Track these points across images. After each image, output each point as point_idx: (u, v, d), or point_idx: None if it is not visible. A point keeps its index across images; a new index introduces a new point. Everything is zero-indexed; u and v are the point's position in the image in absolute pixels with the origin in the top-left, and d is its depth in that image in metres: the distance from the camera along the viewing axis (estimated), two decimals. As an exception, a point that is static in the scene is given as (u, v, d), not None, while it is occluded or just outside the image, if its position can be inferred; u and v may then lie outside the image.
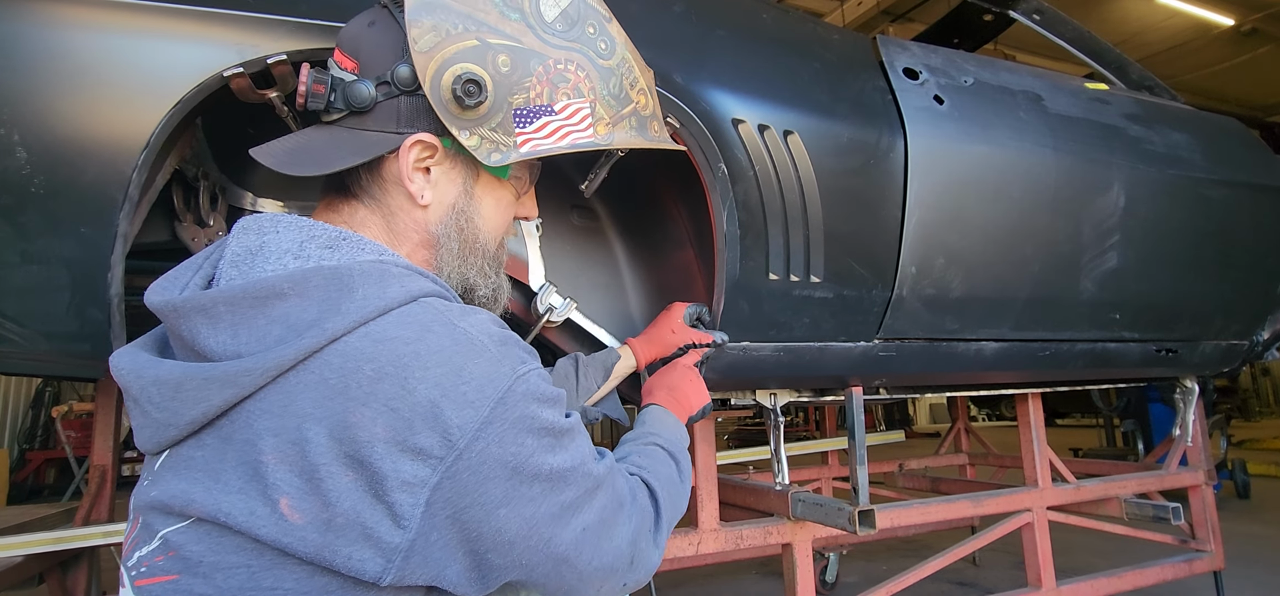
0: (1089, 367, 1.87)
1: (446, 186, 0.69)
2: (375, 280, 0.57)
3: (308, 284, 0.56)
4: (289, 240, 0.61)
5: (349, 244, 0.62)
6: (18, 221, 0.84)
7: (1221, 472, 4.63)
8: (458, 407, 0.53)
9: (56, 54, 0.83)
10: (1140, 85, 2.05)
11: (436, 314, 0.58)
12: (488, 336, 0.58)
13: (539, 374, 0.60)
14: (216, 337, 0.55)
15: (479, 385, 0.55)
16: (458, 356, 0.55)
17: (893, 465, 3.35)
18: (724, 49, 1.24)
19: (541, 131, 0.67)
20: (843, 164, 1.31)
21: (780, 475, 1.71)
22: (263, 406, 0.53)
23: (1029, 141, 1.54)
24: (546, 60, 0.68)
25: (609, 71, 0.72)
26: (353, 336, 0.54)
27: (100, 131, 0.85)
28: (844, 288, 1.36)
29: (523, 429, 0.56)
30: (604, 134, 0.71)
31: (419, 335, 0.55)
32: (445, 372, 0.54)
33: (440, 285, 0.63)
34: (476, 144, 0.66)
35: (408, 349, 0.54)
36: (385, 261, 0.61)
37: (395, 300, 0.57)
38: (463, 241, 0.70)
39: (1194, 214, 1.81)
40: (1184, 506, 2.31)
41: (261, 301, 0.56)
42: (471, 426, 0.53)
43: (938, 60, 1.54)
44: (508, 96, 0.66)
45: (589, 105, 0.70)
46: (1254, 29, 7.95)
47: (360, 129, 0.66)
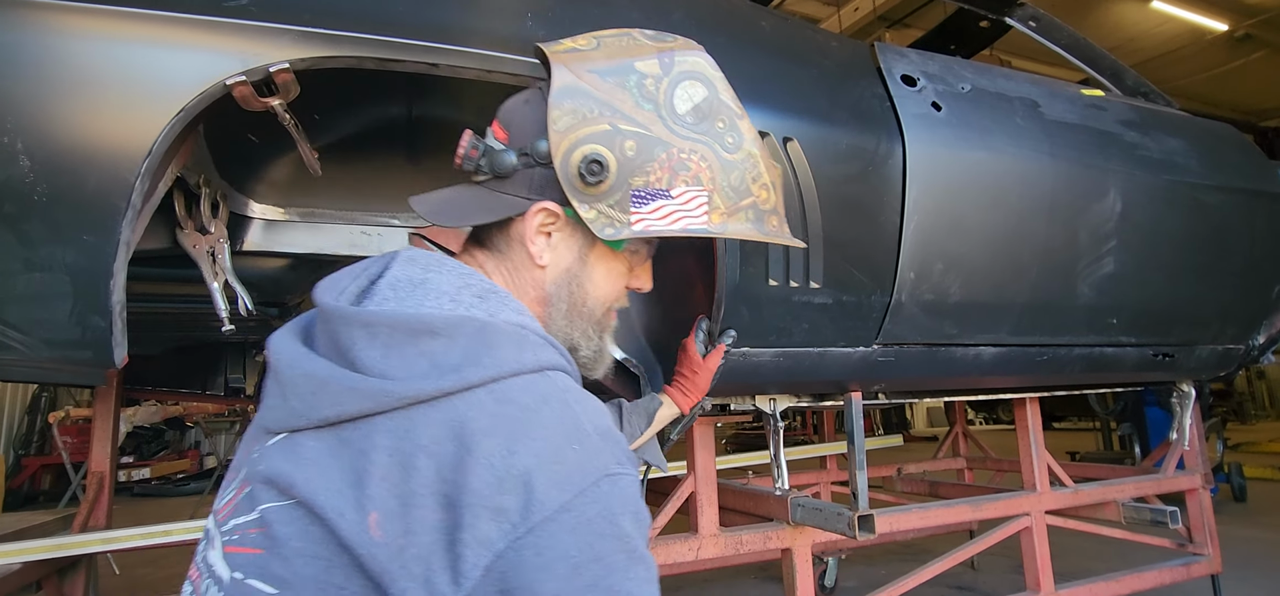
0: (1086, 372, 1.88)
1: (563, 251, 0.75)
2: (514, 343, 0.62)
3: (459, 330, 0.62)
4: (449, 283, 0.67)
5: (497, 298, 0.69)
6: (21, 229, 0.84)
7: (1218, 476, 4.64)
8: (547, 484, 0.55)
9: (60, 62, 0.84)
10: (1135, 91, 2.07)
11: (556, 390, 0.62)
12: (594, 427, 0.61)
13: (633, 480, 0.61)
14: (369, 353, 0.60)
15: (573, 470, 0.56)
16: (562, 437, 0.58)
17: (891, 469, 3.36)
18: (723, 56, 1.24)
19: (655, 212, 0.73)
20: (841, 170, 1.32)
21: (780, 480, 1.71)
22: (387, 425, 0.57)
23: (1026, 148, 1.55)
24: (671, 148, 0.73)
25: (732, 165, 0.76)
26: (481, 390, 0.58)
27: (103, 139, 0.85)
28: (843, 293, 1.37)
29: (599, 531, 0.56)
30: (718, 223, 0.75)
31: (535, 406, 0.59)
32: (546, 448, 0.57)
33: (566, 358, 0.68)
34: (594, 217, 0.72)
35: (522, 415, 0.58)
36: (526, 326, 0.66)
37: (525, 366, 0.61)
38: (571, 303, 0.77)
39: (1189, 219, 1.82)
40: (1181, 510, 2.32)
41: (416, 334, 0.61)
42: (553, 504, 0.54)
43: (935, 67, 1.55)
44: (629, 177, 0.72)
45: (707, 194, 0.75)
46: (1247, 35, 8.01)
47: (499, 191, 0.73)
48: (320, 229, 1.37)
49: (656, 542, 1.65)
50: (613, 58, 0.75)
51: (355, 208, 1.41)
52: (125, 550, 2.00)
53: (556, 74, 0.72)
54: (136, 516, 5.71)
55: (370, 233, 1.41)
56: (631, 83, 0.74)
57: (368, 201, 1.42)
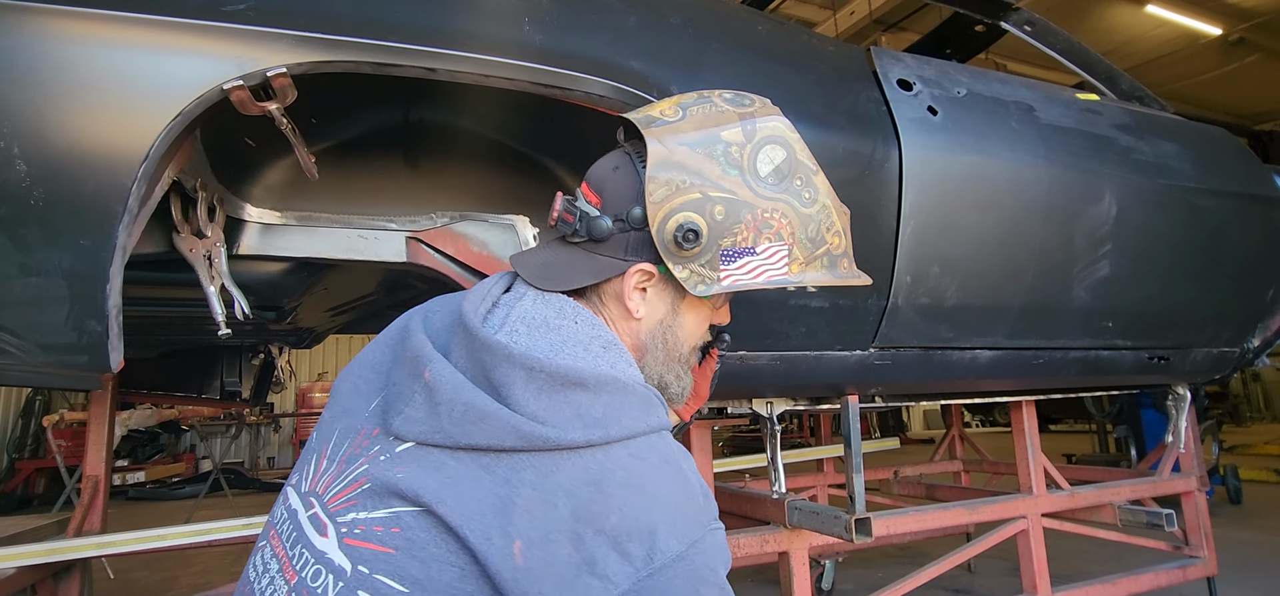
0: (1082, 375, 1.89)
1: (657, 304, 0.82)
2: (643, 406, 0.70)
3: (603, 388, 0.68)
4: (582, 333, 0.74)
5: (616, 350, 0.75)
6: (17, 234, 0.84)
7: (1213, 478, 4.66)
8: (667, 535, 0.62)
9: (56, 66, 0.83)
10: (1130, 95, 2.08)
11: (671, 451, 0.70)
12: (700, 488, 0.69)
13: (723, 535, 0.69)
14: (524, 395, 0.66)
15: (686, 525, 0.64)
16: (679, 495, 0.66)
17: (888, 472, 3.36)
18: (720, 61, 1.25)
19: (742, 269, 0.78)
20: (838, 174, 1.32)
21: (777, 483, 1.72)
22: (532, 463, 0.62)
23: (1022, 151, 1.56)
24: (755, 209, 0.79)
25: (809, 218, 0.81)
26: (618, 446, 0.66)
27: (100, 144, 0.85)
28: (840, 297, 1.37)
29: (703, 579, 0.63)
30: (797, 273, 0.81)
31: (659, 465, 0.67)
32: (669, 507, 0.64)
33: (665, 407, 0.75)
34: (686, 276, 0.78)
35: (651, 473, 0.66)
36: (650, 391, 0.73)
37: (651, 427, 0.69)
38: (666, 350, 0.83)
39: (1184, 223, 1.83)
40: (1177, 512, 2.33)
41: (567, 385, 0.67)
42: (671, 553, 0.61)
43: (931, 71, 1.56)
44: (718, 239, 0.77)
45: (787, 248, 0.80)
46: (1241, 38, 8.07)
47: (596, 253, 0.80)
48: (317, 233, 1.37)
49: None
50: (700, 127, 0.81)
51: (352, 211, 1.40)
52: (120, 554, 1.99)
53: (651, 149, 0.78)
54: (131, 520, 5.68)
55: (367, 236, 1.40)
56: (718, 152, 0.79)
57: (365, 205, 1.42)
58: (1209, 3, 7.48)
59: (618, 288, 0.80)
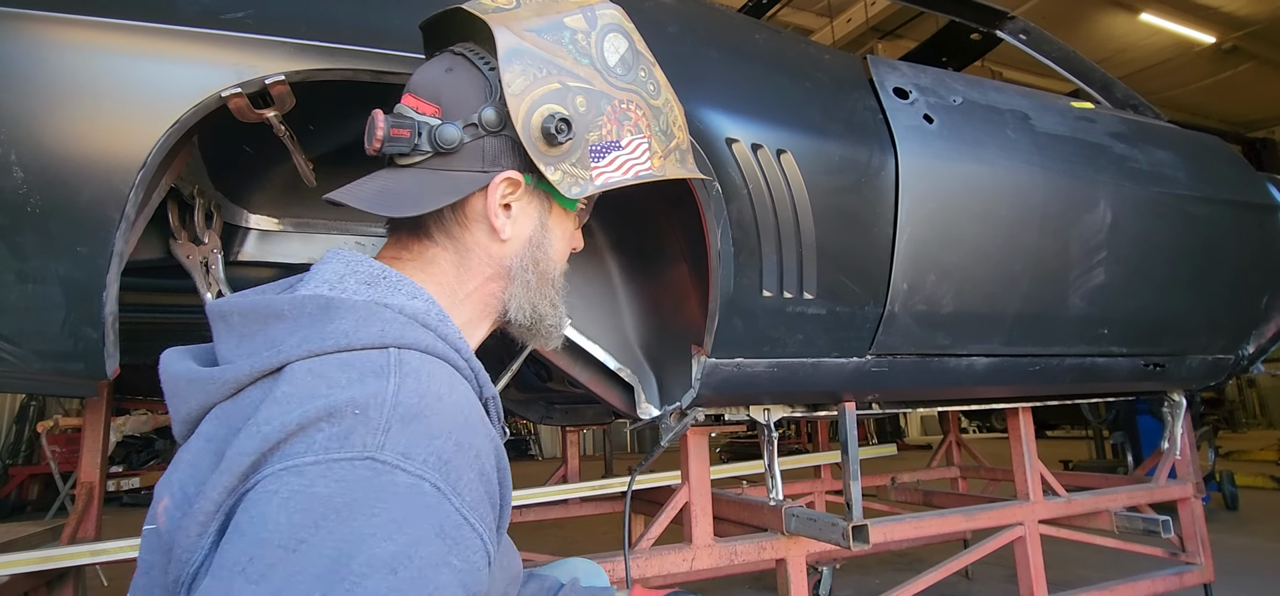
0: (1078, 382, 1.90)
1: (524, 221, 0.72)
2: (356, 318, 0.57)
3: (302, 310, 0.58)
4: (332, 270, 0.64)
5: (387, 282, 0.64)
6: (13, 240, 0.84)
7: (1210, 484, 4.67)
8: (299, 445, 0.48)
9: (55, 74, 0.84)
10: (1125, 104, 2.09)
11: (387, 364, 0.54)
12: (399, 412, 0.51)
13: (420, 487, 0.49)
14: (225, 345, 0.59)
15: (331, 438, 0.49)
16: (345, 408, 0.50)
17: (885, 478, 3.36)
18: (718, 69, 1.26)
19: (612, 165, 0.72)
20: (835, 182, 1.33)
21: (774, 490, 1.72)
22: (217, 414, 0.56)
23: (1017, 159, 1.57)
24: (613, 101, 0.73)
25: (658, 110, 0.77)
26: (299, 364, 0.54)
27: (98, 151, 0.85)
28: (837, 304, 1.38)
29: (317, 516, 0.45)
30: (658, 166, 0.75)
31: (345, 382, 0.52)
32: (317, 412, 0.49)
33: (451, 342, 0.62)
34: (559, 178, 0.69)
35: (324, 385, 0.52)
36: (387, 305, 0.60)
37: (359, 342, 0.55)
38: (538, 273, 0.74)
39: (1179, 230, 1.84)
40: (1173, 519, 2.33)
41: (264, 319, 0.58)
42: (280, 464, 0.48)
43: (927, 80, 1.57)
44: (585, 133, 0.70)
45: (647, 141, 0.74)
46: (1235, 47, 8.13)
47: (446, 170, 0.68)
48: (314, 239, 1.37)
49: (651, 554, 1.65)
50: (541, 14, 0.72)
51: (349, 217, 1.40)
52: (114, 561, 1.98)
53: (500, 36, 0.68)
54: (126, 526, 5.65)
55: (364, 242, 1.41)
56: (566, 39, 0.72)
57: (361, 211, 1.42)
58: (1202, 11, 7.54)
59: (480, 207, 0.69)
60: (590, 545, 3.87)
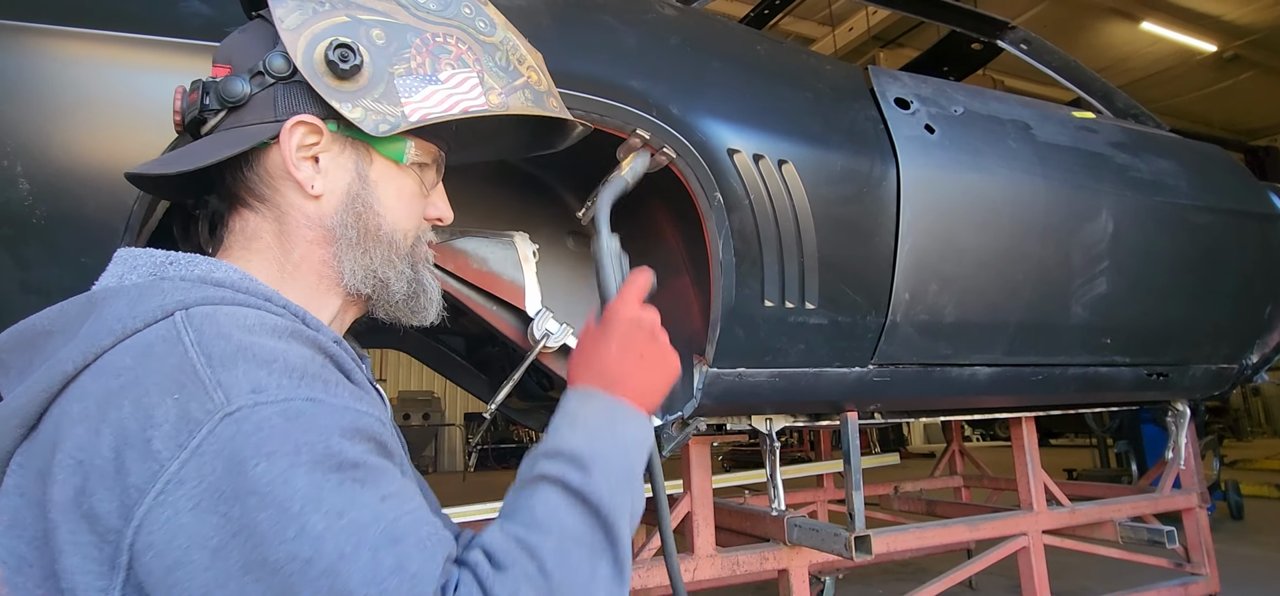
0: (1081, 391, 1.89)
1: (338, 174, 0.64)
2: (130, 300, 0.51)
3: (66, 315, 0.52)
4: (111, 273, 0.57)
5: (177, 264, 0.57)
6: (18, 252, 0.84)
7: (1215, 494, 4.64)
8: (139, 456, 0.43)
9: (61, 86, 0.84)
10: (1126, 113, 2.10)
11: (171, 331, 0.48)
12: (216, 356, 0.46)
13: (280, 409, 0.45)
14: (5, 387, 0.52)
15: (172, 427, 0.43)
16: (158, 390, 0.45)
17: (888, 488, 3.35)
18: (719, 81, 1.26)
19: (428, 99, 0.63)
20: (836, 192, 1.33)
21: (776, 500, 1.71)
22: (21, 459, 0.48)
23: (1018, 169, 1.57)
24: (423, 33, 0.65)
25: (493, 46, 0.69)
26: (84, 375, 0.48)
27: (102, 163, 0.86)
28: (838, 314, 1.38)
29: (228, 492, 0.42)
30: (497, 102, 0.66)
31: (136, 363, 0.47)
32: (136, 414, 0.44)
33: (254, 291, 0.56)
34: (361, 116, 0.61)
35: (118, 384, 0.46)
36: (166, 278, 0.55)
37: (138, 322, 0.49)
38: (361, 231, 0.65)
39: (1181, 240, 1.84)
40: (1178, 529, 2.32)
41: (33, 343, 0.52)
42: (152, 486, 0.42)
43: (928, 90, 1.57)
44: (387, 67, 0.63)
45: (477, 76, 0.66)
46: (1236, 56, 8.13)
47: (237, 125, 0.62)
48: (317, 249, 1.38)
49: (653, 564, 1.64)
50: None
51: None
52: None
53: None
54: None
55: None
56: None
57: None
58: (1203, 20, 7.55)
59: (279, 162, 0.62)
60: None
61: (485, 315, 1.30)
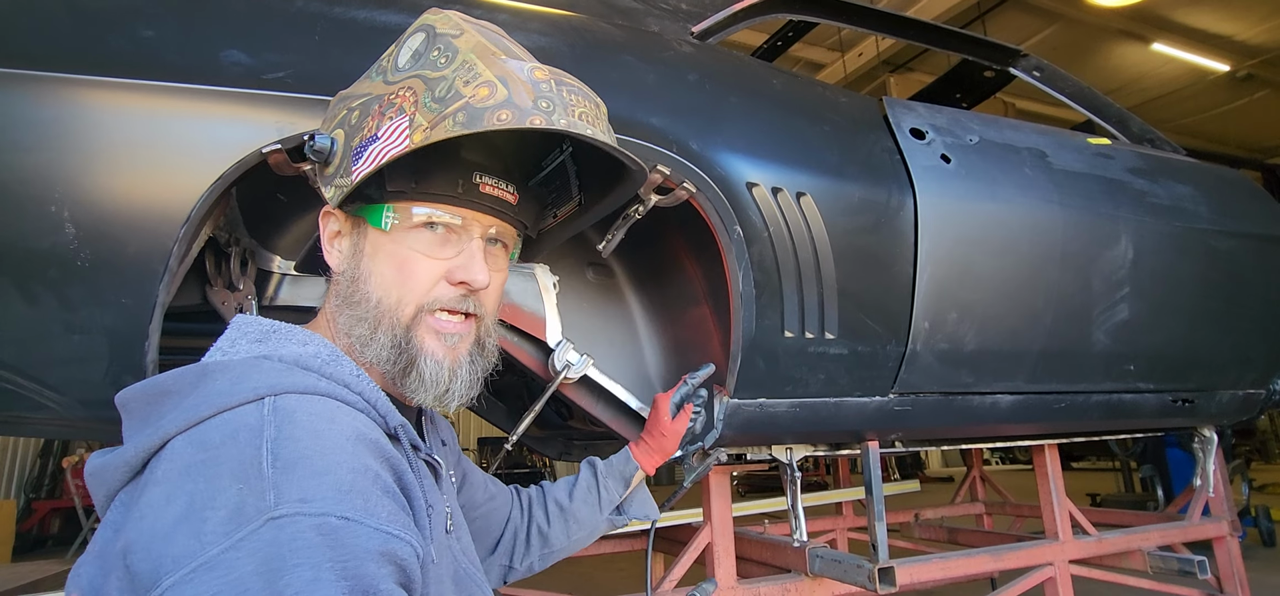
0: (1105, 418, 1.87)
1: (347, 250, 0.73)
2: (232, 377, 0.57)
3: (183, 382, 0.58)
4: (226, 337, 0.65)
5: (278, 336, 0.65)
6: (63, 293, 0.87)
7: (1244, 520, 4.53)
8: (185, 537, 0.47)
9: (106, 135, 0.87)
10: (1142, 138, 2.09)
11: (257, 419, 0.54)
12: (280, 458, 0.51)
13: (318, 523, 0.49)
14: (127, 431, 0.59)
15: (220, 526, 0.48)
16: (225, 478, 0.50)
17: (908, 515, 3.30)
18: (737, 115, 1.28)
19: (366, 160, 0.67)
20: (855, 223, 1.34)
21: (798, 530, 1.70)
22: (123, 498, 0.55)
23: (1035, 197, 1.57)
24: (383, 98, 0.69)
25: (440, 80, 0.68)
26: (179, 439, 0.53)
27: (145, 207, 0.88)
28: (858, 344, 1.38)
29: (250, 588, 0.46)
30: (420, 139, 0.65)
31: (221, 443, 0.52)
32: (202, 500, 0.49)
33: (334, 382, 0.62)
34: (332, 194, 0.70)
35: (198, 460, 0.51)
36: (268, 357, 0.61)
37: (235, 400, 0.55)
38: (347, 299, 0.71)
39: (1202, 265, 1.82)
40: (1209, 558, 2.26)
41: (154, 399, 0.58)
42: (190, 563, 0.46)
43: (943, 120, 1.59)
44: (350, 143, 0.69)
45: (408, 118, 0.66)
46: (1249, 74, 8.09)
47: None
48: (343, 283, 1.40)
49: (673, 595, 1.63)
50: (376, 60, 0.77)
51: (377, 262, 1.44)
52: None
53: None
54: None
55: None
56: (374, 70, 0.75)
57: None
58: (1215, 40, 7.53)
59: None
60: (610, 585, 3.82)
61: (506, 346, 1.31)
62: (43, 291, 0.86)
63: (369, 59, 1.00)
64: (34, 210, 0.84)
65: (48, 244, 0.85)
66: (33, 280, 0.86)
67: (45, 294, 0.87)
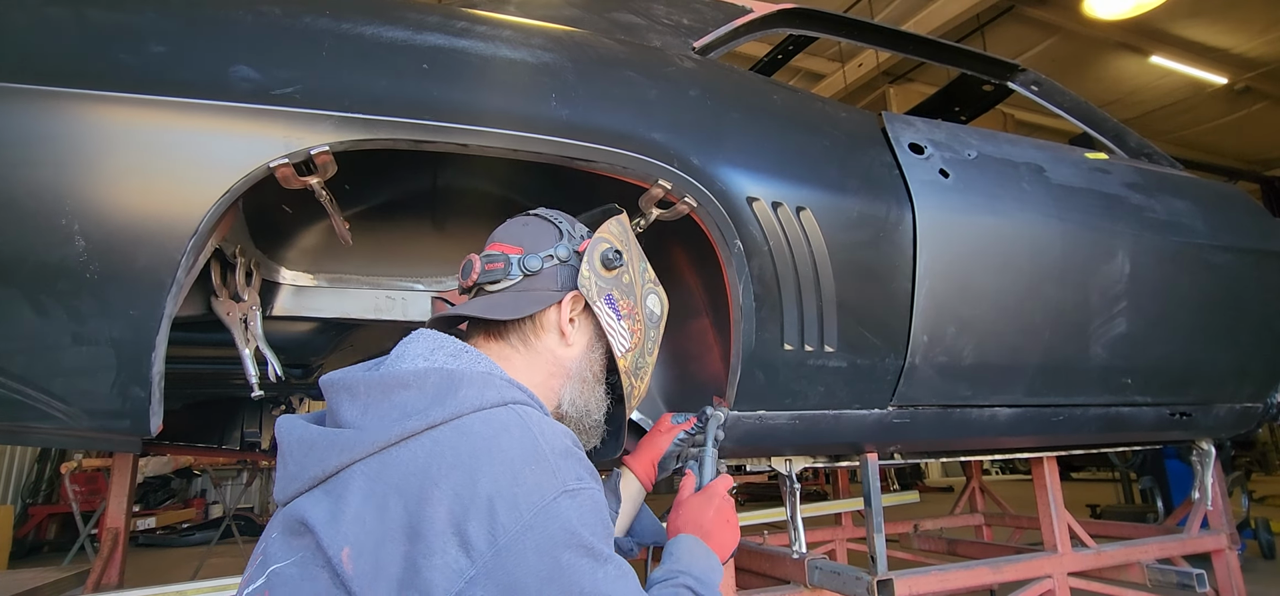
0: (1103, 431, 1.87)
1: (583, 332, 0.92)
2: (478, 385, 0.71)
3: (425, 381, 0.72)
4: (422, 346, 0.78)
5: (469, 356, 0.80)
6: (72, 305, 0.88)
7: (1244, 532, 4.52)
8: (508, 508, 0.63)
9: (116, 149, 0.89)
10: (1139, 152, 2.11)
11: (516, 418, 0.69)
12: (552, 448, 0.68)
13: (593, 493, 0.69)
14: (351, 411, 0.71)
15: (530, 490, 0.64)
16: (520, 460, 0.66)
17: (907, 525, 3.30)
18: (738, 131, 1.30)
19: (609, 313, 0.91)
20: (854, 237, 1.35)
21: (797, 542, 1.70)
22: (364, 469, 0.66)
23: (1034, 211, 1.59)
24: (635, 298, 0.95)
25: (642, 351, 0.96)
26: (445, 427, 0.67)
27: (154, 220, 0.90)
28: (857, 356, 1.39)
29: (562, 543, 0.63)
30: (623, 365, 0.93)
31: (495, 434, 0.67)
32: (505, 473, 0.64)
33: (536, 401, 0.78)
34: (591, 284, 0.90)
35: (482, 445, 0.66)
36: (492, 373, 0.76)
37: (488, 402, 0.70)
38: (593, 375, 0.93)
39: (1200, 280, 1.83)
40: (1208, 571, 2.27)
41: (389, 389, 0.71)
42: (516, 526, 0.62)
43: (942, 135, 1.60)
44: (611, 289, 0.92)
45: (635, 351, 0.95)
46: (1247, 87, 8.12)
47: (530, 290, 0.89)
48: (347, 293, 1.41)
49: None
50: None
51: (381, 272, 1.45)
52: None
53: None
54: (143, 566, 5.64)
55: (394, 297, 1.45)
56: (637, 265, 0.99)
57: (393, 266, 1.46)
58: (1213, 53, 7.57)
59: (554, 318, 0.90)
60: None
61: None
62: (52, 303, 0.87)
63: (376, 74, 1.02)
64: (44, 223, 0.85)
65: (57, 256, 0.86)
66: (42, 292, 0.87)
67: (54, 305, 0.88)
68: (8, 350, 0.88)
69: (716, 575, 0.89)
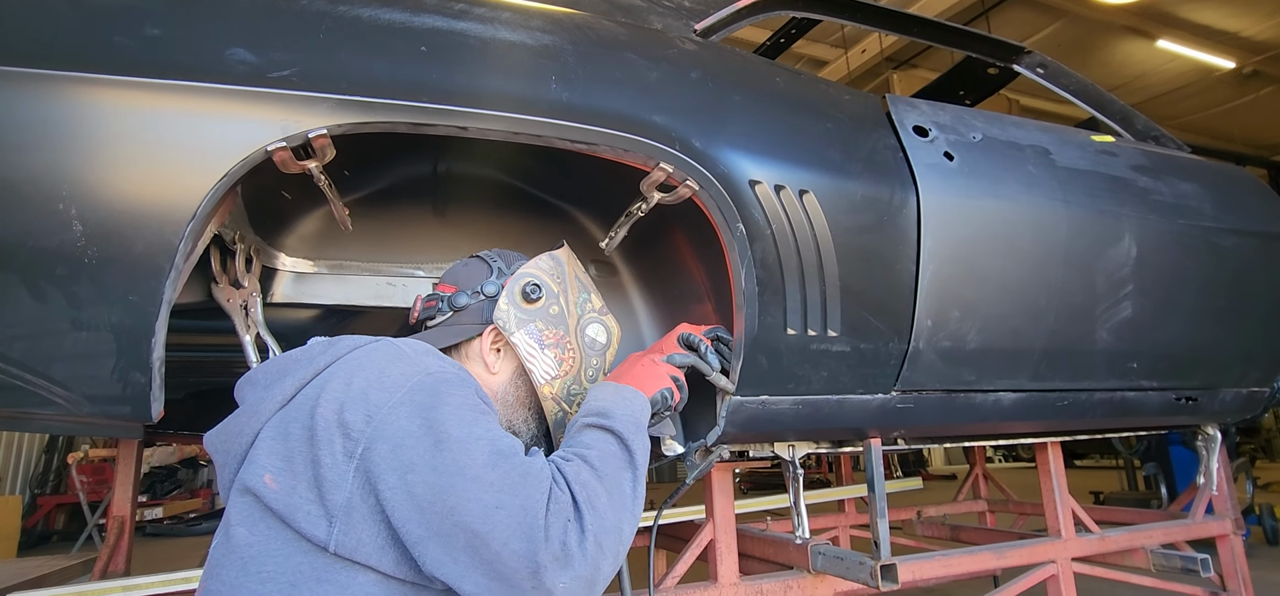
0: (1108, 416, 1.86)
1: (509, 361, 1.03)
2: (356, 338, 0.86)
3: (310, 352, 0.86)
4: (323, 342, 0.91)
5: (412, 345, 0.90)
6: (71, 291, 0.88)
7: (1248, 518, 4.51)
8: (379, 391, 0.75)
9: (113, 133, 0.88)
10: (1146, 135, 2.09)
11: (389, 341, 0.85)
12: (416, 351, 0.83)
13: (460, 380, 0.80)
14: (253, 395, 0.86)
15: (398, 377, 0.77)
16: (387, 361, 0.79)
17: (911, 512, 3.30)
18: (740, 113, 1.28)
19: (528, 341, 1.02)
20: (857, 221, 1.34)
21: (800, 527, 1.70)
22: (269, 426, 0.79)
23: (1039, 195, 1.57)
24: (569, 328, 1.06)
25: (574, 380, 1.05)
26: (344, 359, 0.80)
27: (151, 205, 0.89)
28: (861, 341, 1.38)
29: (430, 406, 0.74)
30: (547, 391, 1.02)
31: (368, 351, 0.81)
32: (374, 370, 0.78)
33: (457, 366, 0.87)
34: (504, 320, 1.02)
35: (363, 359, 0.79)
36: (423, 346, 0.88)
37: (365, 342, 0.85)
38: (516, 399, 1.03)
39: (1206, 263, 1.82)
40: (1213, 556, 2.26)
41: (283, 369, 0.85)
42: (387, 404, 0.74)
43: (946, 117, 1.58)
44: (535, 319, 1.03)
45: (566, 377, 1.04)
46: (1255, 71, 8.05)
47: (456, 323, 1.02)
48: (348, 280, 1.41)
49: (675, 593, 1.63)
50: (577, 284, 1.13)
51: (382, 259, 1.44)
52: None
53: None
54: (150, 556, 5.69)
55: (396, 283, 1.44)
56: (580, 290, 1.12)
57: (394, 253, 1.46)
58: (1221, 37, 7.49)
59: (478, 348, 1.01)
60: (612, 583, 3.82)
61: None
62: (50, 288, 0.87)
63: (373, 56, 1.00)
64: (42, 208, 0.84)
65: (55, 241, 0.86)
66: (40, 277, 0.86)
67: (53, 291, 0.87)
68: (7, 335, 0.87)
69: (628, 405, 0.92)
